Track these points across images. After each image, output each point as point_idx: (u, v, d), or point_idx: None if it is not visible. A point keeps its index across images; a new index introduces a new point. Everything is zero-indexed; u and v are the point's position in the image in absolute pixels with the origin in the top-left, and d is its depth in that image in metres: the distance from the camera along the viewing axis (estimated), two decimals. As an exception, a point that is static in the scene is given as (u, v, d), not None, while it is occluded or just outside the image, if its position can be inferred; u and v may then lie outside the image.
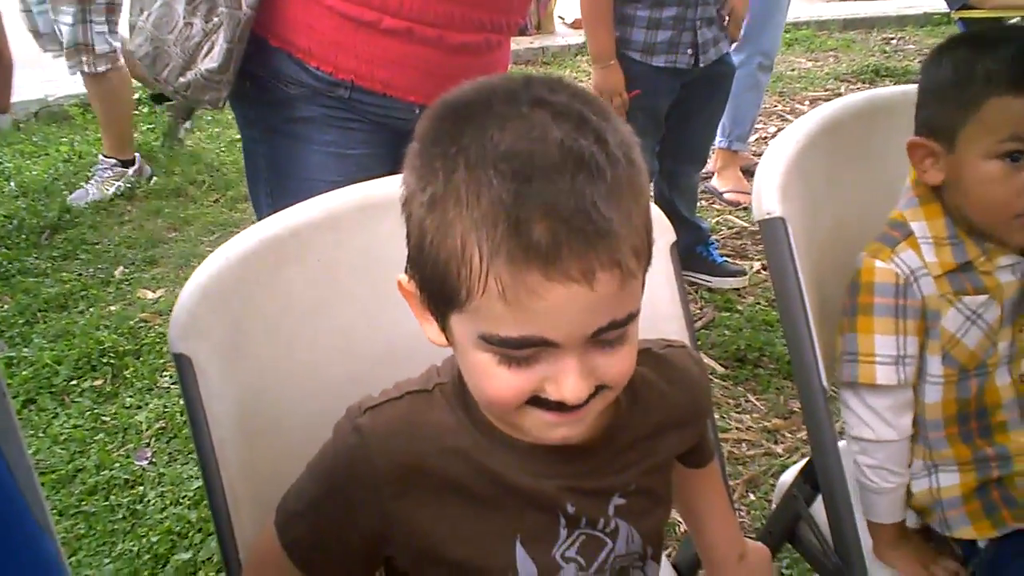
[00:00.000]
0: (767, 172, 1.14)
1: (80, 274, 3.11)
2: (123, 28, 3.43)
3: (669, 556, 1.27)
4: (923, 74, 1.17)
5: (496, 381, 0.71)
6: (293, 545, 0.83)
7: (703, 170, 3.59)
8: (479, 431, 0.80)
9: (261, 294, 0.92)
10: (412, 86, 1.43)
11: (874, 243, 1.18)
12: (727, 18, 2.49)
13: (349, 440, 0.80)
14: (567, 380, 0.70)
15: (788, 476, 1.38)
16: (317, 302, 0.96)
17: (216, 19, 1.36)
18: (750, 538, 1.09)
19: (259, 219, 1.61)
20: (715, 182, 3.72)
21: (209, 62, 1.37)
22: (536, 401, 0.72)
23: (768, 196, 1.12)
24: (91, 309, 2.88)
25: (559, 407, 0.72)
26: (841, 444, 1.23)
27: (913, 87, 1.22)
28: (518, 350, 0.69)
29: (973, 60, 1.09)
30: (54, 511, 2.07)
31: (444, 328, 0.74)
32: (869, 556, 1.22)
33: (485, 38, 1.46)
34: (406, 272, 0.76)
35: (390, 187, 1.00)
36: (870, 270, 1.15)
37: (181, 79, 1.40)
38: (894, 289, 1.14)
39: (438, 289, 0.70)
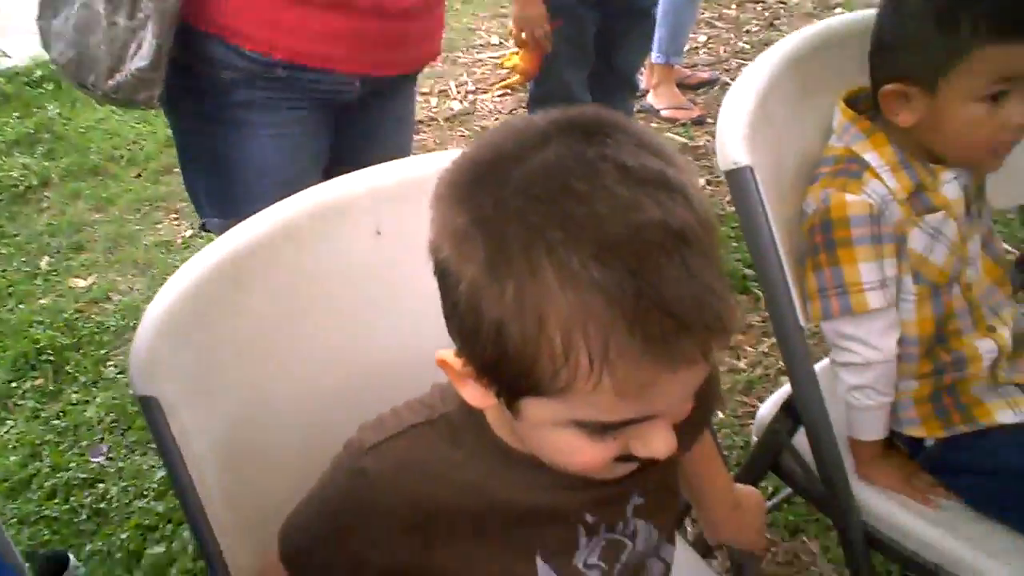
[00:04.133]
0: (730, 121, 1.11)
1: (4, 270, 2.97)
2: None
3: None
4: (889, 19, 1.17)
5: (584, 455, 0.68)
6: None
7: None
8: (493, 457, 0.77)
9: (226, 319, 0.86)
10: (351, 57, 1.38)
11: (835, 179, 1.19)
12: None
13: (354, 483, 0.77)
14: (659, 440, 0.68)
15: (766, 410, 1.40)
16: (287, 318, 0.91)
17: (141, 14, 1.28)
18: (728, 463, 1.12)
19: (198, 211, 1.58)
20: (651, 99, 3.66)
21: (139, 60, 1.29)
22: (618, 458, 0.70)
23: (733, 146, 1.09)
24: (21, 305, 2.76)
25: (636, 458, 0.70)
26: (817, 367, 1.25)
27: (860, 14, 1.23)
28: (616, 429, 0.67)
29: (955, 9, 1.09)
30: (14, 520, 2.01)
31: (509, 406, 0.69)
32: (852, 478, 1.26)
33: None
34: (456, 354, 0.70)
35: (343, 189, 0.98)
36: (842, 204, 1.15)
37: (110, 82, 1.32)
38: (869, 219, 1.15)
39: (515, 378, 0.64)
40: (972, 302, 1.23)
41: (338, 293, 0.94)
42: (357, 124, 1.52)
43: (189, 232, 3.12)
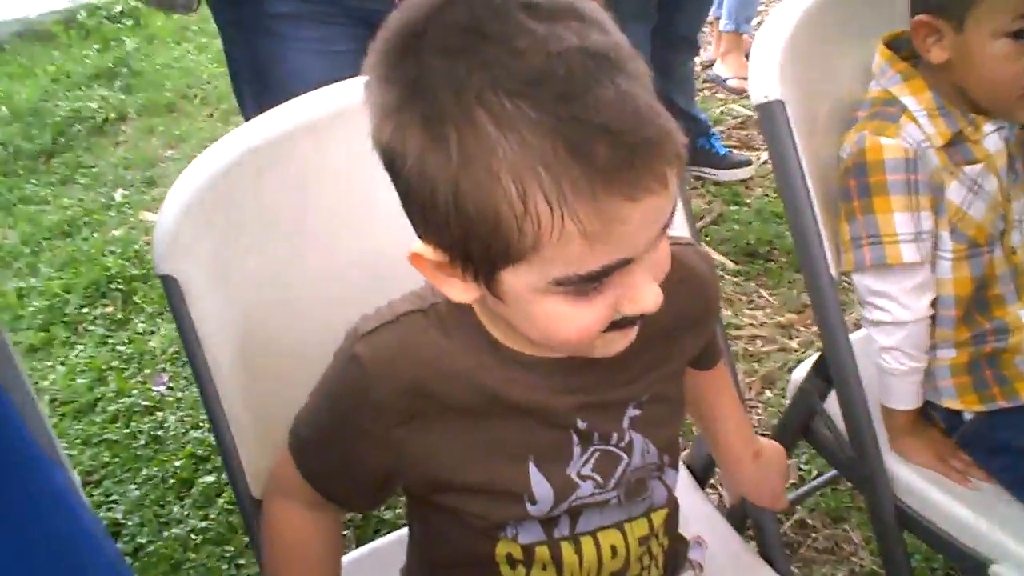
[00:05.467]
0: (763, 54, 1.09)
1: (81, 199, 3.08)
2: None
3: (683, 458, 1.25)
4: None
5: (575, 322, 0.66)
6: (311, 474, 0.83)
7: (705, 57, 3.49)
8: (483, 350, 0.76)
9: (244, 207, 0.88)
10: None
11: (870, 122, 1.15)
12: None
13: (349, 371, 0.77)
14: (645, 292, 0.66)
15: (801, 371, 1.34)
16: (302, 212, 0.92)
17: None
18: (765, 436, 1.07)
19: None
20: (718, 68, 3.56)
21: None
22: (610, 324, 0.69)
23: (766, 79, 1.07)
24: (95, 234, 2.86)
25: (631, 322, 0.69)
26: (855, 336, 1.20)
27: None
28: (597, 281, 0.64)
29: None
30: (78, 441, 2.10)
31: (488, 284, 0.67)
32: (884, 448, 1.21)
33: None
34: (423, 240, 0.68)
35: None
36: (877, 148, 1.11)
37: None
38: (904, 164, 1.11)
39: (484, 249, 0.63)
40: (1017, 267, 1.18)
41: (353, 192, 0.94)
42: None
43: (259, 176, 3.18)
